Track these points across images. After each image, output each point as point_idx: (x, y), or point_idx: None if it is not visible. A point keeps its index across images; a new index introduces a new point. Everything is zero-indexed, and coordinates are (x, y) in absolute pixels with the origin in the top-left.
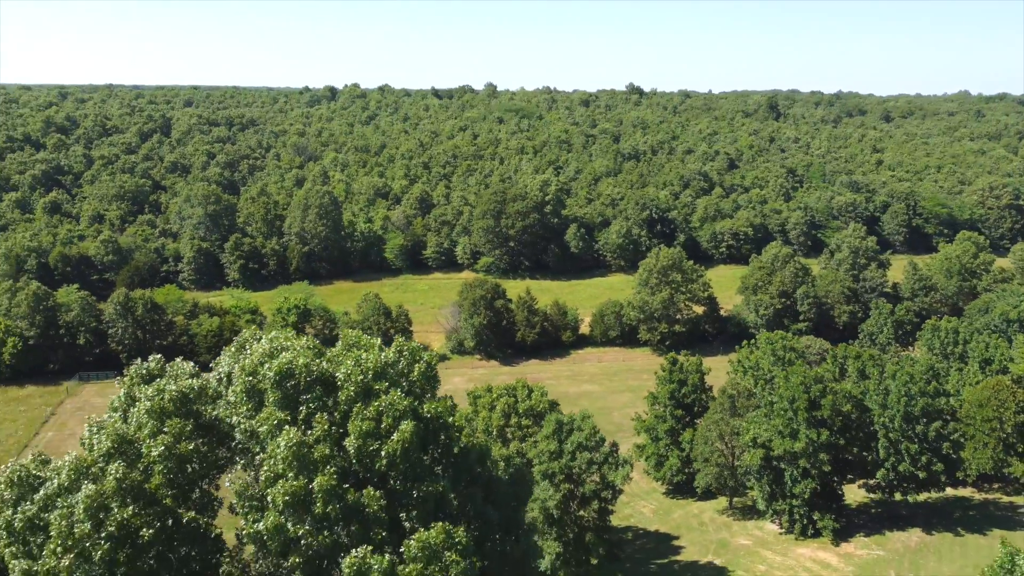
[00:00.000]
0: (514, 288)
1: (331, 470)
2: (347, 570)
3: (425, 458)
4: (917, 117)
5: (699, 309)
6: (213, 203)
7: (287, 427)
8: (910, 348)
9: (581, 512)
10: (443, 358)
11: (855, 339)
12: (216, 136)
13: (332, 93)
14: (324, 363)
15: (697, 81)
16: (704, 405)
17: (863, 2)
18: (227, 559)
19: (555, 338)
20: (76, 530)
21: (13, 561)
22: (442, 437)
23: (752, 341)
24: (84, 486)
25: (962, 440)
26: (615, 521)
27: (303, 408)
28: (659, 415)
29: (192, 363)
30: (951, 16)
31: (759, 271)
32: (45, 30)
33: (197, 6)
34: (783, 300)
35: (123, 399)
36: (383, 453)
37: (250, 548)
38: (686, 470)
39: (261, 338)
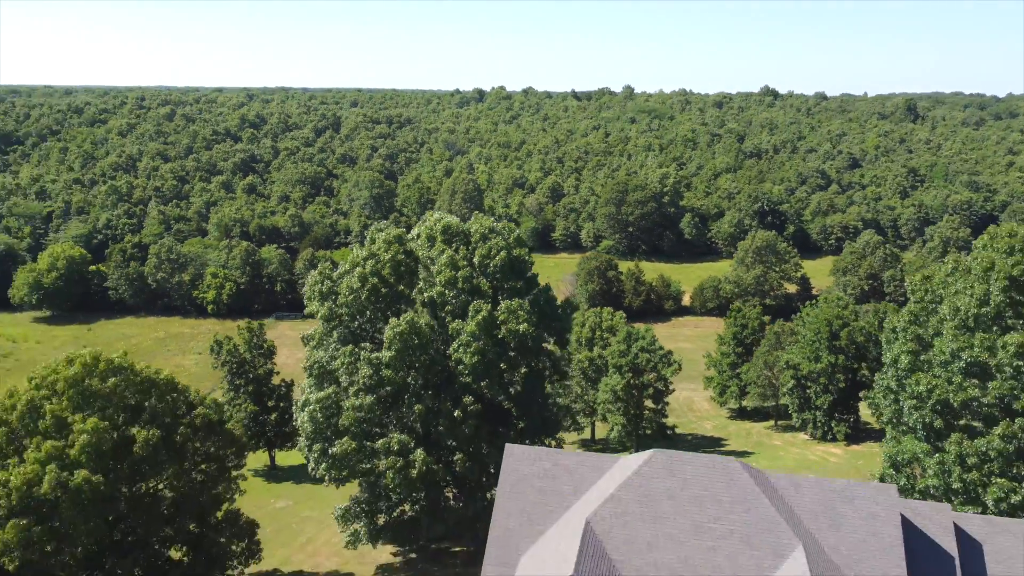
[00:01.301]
0: (630, 268)
1: (466, 270)
2: (471, 310)
3: (511, 273)
4: None
5: (792, 288)
6: (376, 188)
7: (446, 250)
8: None
9: (641, 397)
10: None
11: None
12: (378, 132)
13: (480, 95)
14: (465, 225)
15: (848, 85)
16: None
17: None
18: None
19: (658, 306)
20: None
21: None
22: (523, 265)
23: (813, 302)
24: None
25: None
26: (681, 431)
27: (453, 243)
28: (724, 352)
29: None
30: None
31: (850, 255)
32: (231, 39)
33: (362, 18)
34: (870, 281)
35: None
36: (491, 265)
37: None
38: (743, 396)
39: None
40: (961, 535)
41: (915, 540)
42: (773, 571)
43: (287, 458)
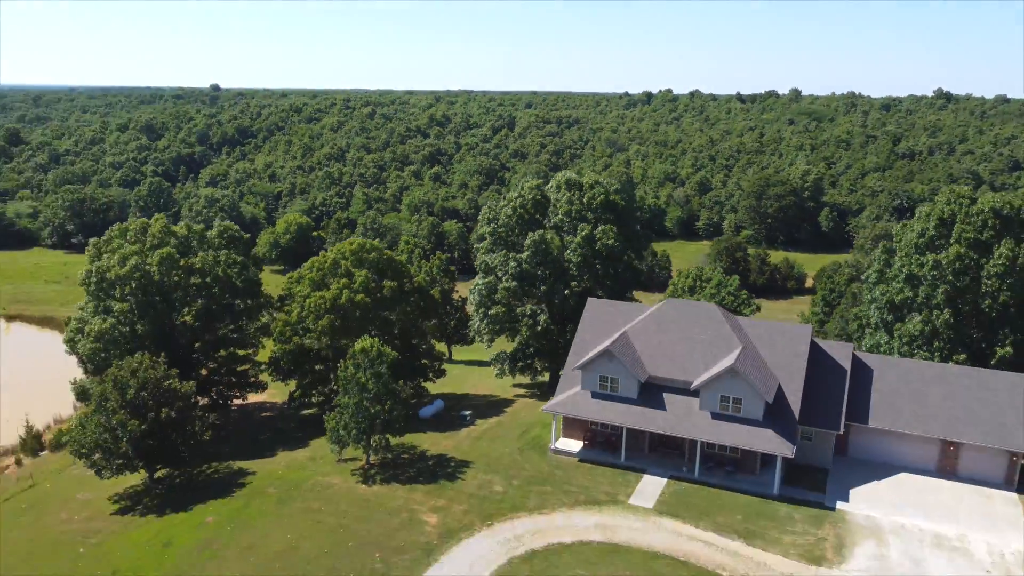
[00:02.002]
0: (757, 251)
1: (577, 205)
2: (579, 230)
3: (606, 210)
4: None
5: None
6: (542, 179)
7: (566, 193)
8: None
9: None
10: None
11: None
12: (547, 131)
13: (648, 98)
14: (580, 178)
15: None
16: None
17: None
18: None
19: (781, 286)
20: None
21: None
22: (615, 205)
23: None
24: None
25: None
26: None
27: (572, 190)
28: (814, 311)
29: None
30: None
31: None
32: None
33: (542, 26)
34: None
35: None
36: (594, 203)
37: None
38: None
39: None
40: (856, 361)
41: (821, 357)
42: (721, 359)
43: (459, 354)
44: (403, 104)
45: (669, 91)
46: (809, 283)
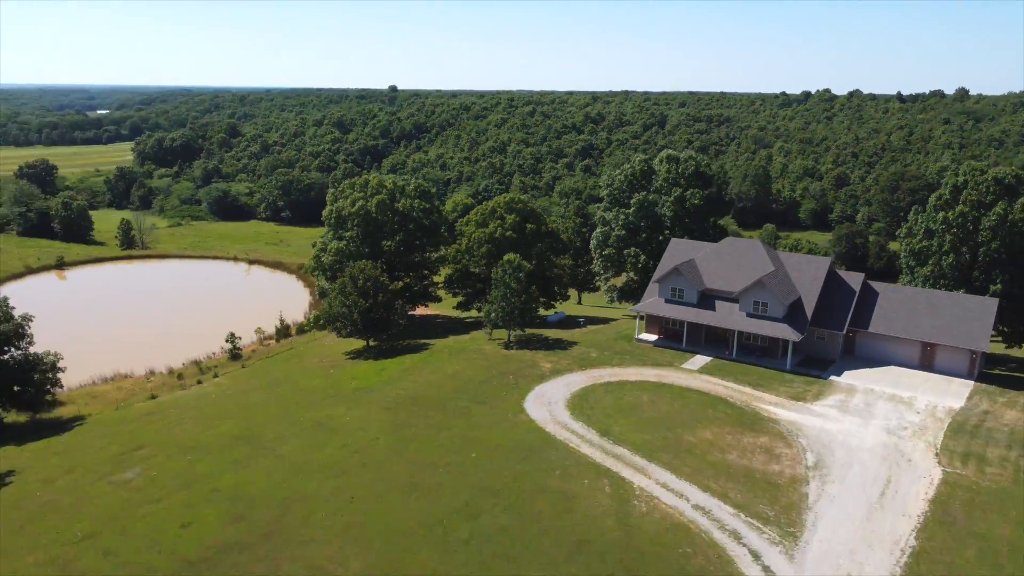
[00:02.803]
0: (877, 239)
1: (673, 174)
2: (673, 192)
3: (696, 179)
4: None
5: None
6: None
7: (665, 165)
8: None
9: None
10: None
11: None
12: (696, 129)
13: (805, 97)
14: (676, 154)
15: None
16: None
17: None
18: None
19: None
20: None
21: None
22: (703, 173)
23: None
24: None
25: None
26: None
27: (670, 163)
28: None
29: None
30: None
31: None
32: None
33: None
34: None
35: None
36: (686, 172)
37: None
38: None
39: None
40: (866, 286)
41: (838, 281)
42: (756, 276)
43: (587, 300)
44: (562, 103)
45: (827, 91)
46: None
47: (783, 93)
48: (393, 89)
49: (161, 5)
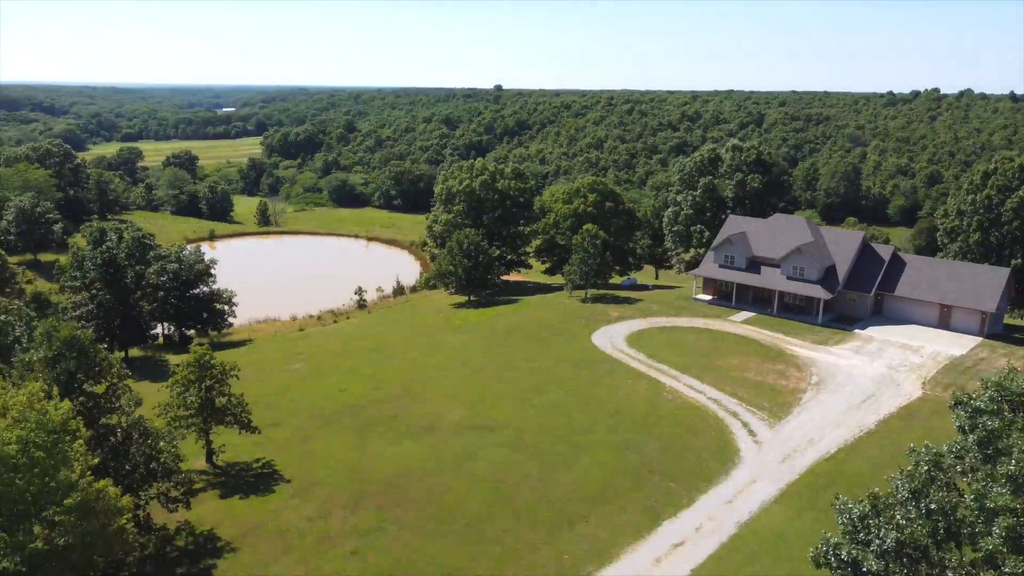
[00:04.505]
0: None
1: (737, 161)
2: (736, 176)
3: (757, 165)
4: None
5: None
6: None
7: (730, 152)
8: None
9: None
10: None
11: None
12: (792, 127)
13: (913, 96)
14: (740, 144)
15: None
16: None
17: None
18: None
19: None
20: None
21: None
22: (764, 161)
23: None
24: None
25: None
26: None
27: (735, 152)
28: None
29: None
30: None
31: None
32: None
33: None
34: None
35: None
36: (748, 160)
37: None
38: None
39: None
40: (895, 256)
41: (870, 252)
42: (797, 244)
43: (663, 278)
44: (660, 102)
45: (936, 90)
46: None
47: (889, 92)
48: (498, 88)
49: (283, 7)
